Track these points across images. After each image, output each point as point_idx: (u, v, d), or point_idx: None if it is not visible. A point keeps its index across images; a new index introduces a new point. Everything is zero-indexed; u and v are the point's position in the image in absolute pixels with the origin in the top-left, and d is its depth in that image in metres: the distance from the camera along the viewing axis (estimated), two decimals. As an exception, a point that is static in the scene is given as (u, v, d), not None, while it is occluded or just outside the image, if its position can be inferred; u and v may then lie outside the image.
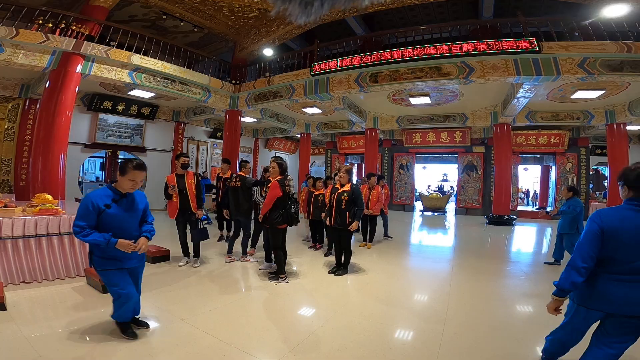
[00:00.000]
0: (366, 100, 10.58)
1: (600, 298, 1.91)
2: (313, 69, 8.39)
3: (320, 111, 11.76)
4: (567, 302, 2.10)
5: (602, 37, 6.73)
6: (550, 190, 14.41)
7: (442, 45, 7.12)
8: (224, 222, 6.83)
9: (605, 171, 13.90)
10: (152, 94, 10.12)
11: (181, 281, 4.24)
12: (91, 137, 10.57)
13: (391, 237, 7.43)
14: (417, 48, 7.32)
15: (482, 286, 4.45)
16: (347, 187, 4.71)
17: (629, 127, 10.39)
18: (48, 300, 3.42)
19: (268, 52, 9.43)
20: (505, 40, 6.83)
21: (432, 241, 8.39)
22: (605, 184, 13.65)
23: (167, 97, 10.59)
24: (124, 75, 8.01)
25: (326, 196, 5.05)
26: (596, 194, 13.53)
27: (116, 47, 7.66)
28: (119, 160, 16.27)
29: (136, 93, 9.98)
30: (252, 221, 5.30)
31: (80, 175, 13.67)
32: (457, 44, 7.06)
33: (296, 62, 9.24)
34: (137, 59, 7.98)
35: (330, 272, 4.76)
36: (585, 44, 6.60)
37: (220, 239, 6.77)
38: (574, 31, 7.39)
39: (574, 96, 9.03)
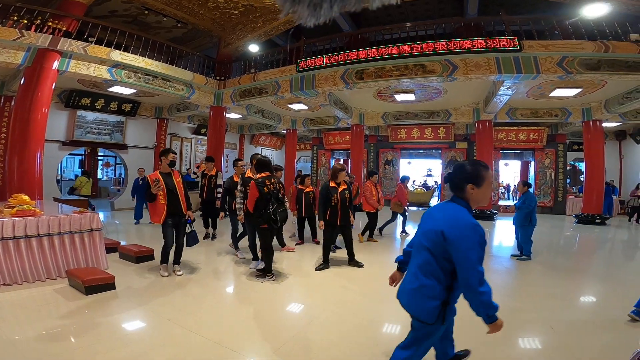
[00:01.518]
0: (352, 97, 10.61)
1: None
2: (299, 66, 8.35)
3: (306, 107, 11.73)
4: None
5: (581, 36, 6.95)
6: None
7: (427, 43, 7.19)
8: (209, 220, 6.79)
9: (582, 166, 14.48)
10: (133, 91, 9.88)
11: (166, 282, 4.19)
12: (69, 135, 10.23)
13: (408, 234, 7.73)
14: (402, 45, 7.38)
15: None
16: (344, 185, 4.92)
17: (604, 124, 10.78)
18: (30, 303, 3.33)
19: (254, 48, 9.31)
20: (488, 39, 6.97)
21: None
22: (582, 179, 14.21)
23: (149, 94, 10.34)
24: (103, 72, 7.78)
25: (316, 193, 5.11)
26: (573, 189, 14.05)
27: (95, 43, 7.43)
28: (99, 157, 15.88)
29: (116, 89, 9.71)
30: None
31: (59, 173, 13.25)
32: (442, 41, 7.16)
33: (282, 58, 9.16)
34: (117, 55, 7.76)
35: (317, 269, 4.80)
36: (564, 43, 6.79)
37: (205, 237, 6.71)
38: (555, 30, 7.61)
39: (552, 94, 9.30)
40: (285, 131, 14.92)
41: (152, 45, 8.50)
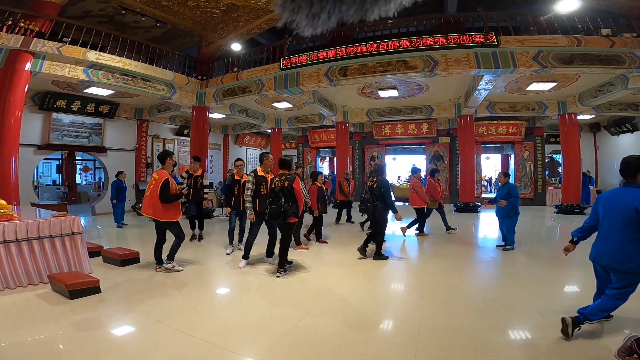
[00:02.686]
0: (336, 94, 10.65)
1: None
2: (282, 64, 8.31)
3: (290, 105, 11.70)
4: None
5: (555, 31, 7.18)
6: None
7: (408, 39, 7.28)
8: (195, 222, 6.72)
9: (559, 158, 15.00)
10: (111, 92, 9.61)
11: (154, 284, 4.11)
12: (44, 138, 9.86)
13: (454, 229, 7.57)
14: (384, 42, 7.45)
15: (455, 272, 4.69)
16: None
17: (579, 117, 11.20)
18: (13, 309, 3.23)
19: (236, 47, 9.20)
20: (467, 34, 7.12)
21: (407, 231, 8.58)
22: (560, 170, 14.72)
23: (128, 95, 10.09)
24: (78, 73, 7.55)
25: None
26: (552, 180, 14.53)
27: (70, 44, 7.18)
28: (77, 161, 15.35)
29: (93, 90, 9.43)
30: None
31: (35, 179, 12.75)
32: (422, 37, 7.27)
33: (265, 56, 9.09)
34: (92, 56, 7.53)
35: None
36: (539, 38, 7.02)
37: (192, 238, 6.62)
38: (530, 25, 7.84)
39: (529, 88, 9.60)
40: (270, 130, 14.83)
41: (130, 45, 8.28)
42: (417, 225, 6.99)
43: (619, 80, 8.14)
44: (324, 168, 18.65)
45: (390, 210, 5.11)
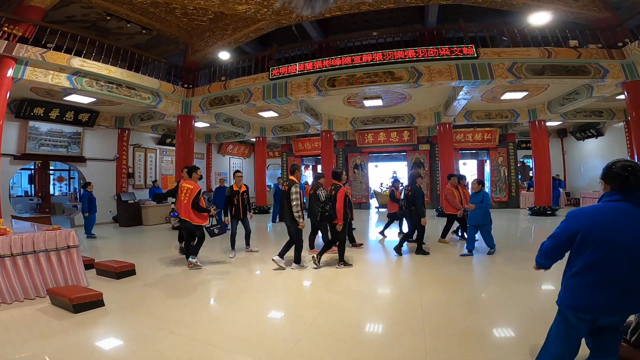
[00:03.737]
0: (322, 103, 10.86)
1: None
2: (272, 73, 8.44)
3: (276, 115, 11.80)
4: None
5: (528, 43, 7.69)
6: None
7: (396, 51, 7.62)
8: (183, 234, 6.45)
9: (530, 163, 15.89)
10: (91, 99, 9.37)
11: (156, 294, 4.08)
12: (21, 148, 9.45)
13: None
14: (372, 53, 7.74)
15: (445, 275, 4.94)
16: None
17: (548, 124, 11.98)
18: (13, 325, 3.13)
19: (224, 55, 9.21)
20: (449, 47, 7.52)
21: (391, 236, 8.82)
22: (531, 174, 15.58)
23: (109, 102, 9.88)
24: (62, 80, 7.35)
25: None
26: (524, 184, 15.34)
27: (53, 50, 7.00)
28: (50, 171, 14.66)
29: (73, 98, 9.16)
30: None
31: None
32: (410, 49, 7.61)
33: (252, 65, 9.17)
34: (77, 62, 7.37)
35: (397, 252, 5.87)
36: (514, 50, 7.51)
37: (182, 251, 6.23)
38: (503, 36, 8.35)
39: (503, 97, 10.21)
40: (254, 139, 14.83)
41: (115, 51, 8.14)
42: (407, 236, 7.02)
43: (585, 89, 8.83)
44: (308, 176, 18.77)
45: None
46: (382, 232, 8.02)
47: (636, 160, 7.42)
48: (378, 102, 10.47)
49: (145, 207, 10.98)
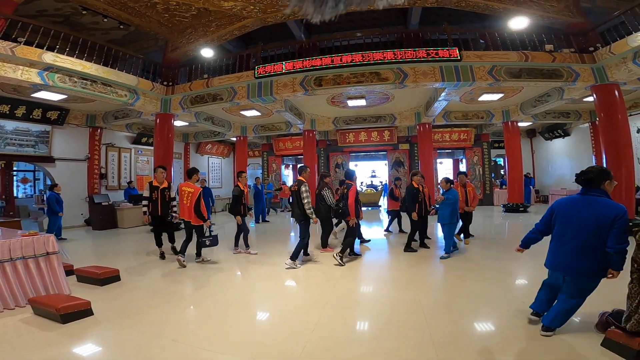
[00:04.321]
0: (305, 103, 10.82)
1: None
2: (257, 72, 8.30)
3: (259, 114, 11.64)
4: None
5: (507, 47, 8.01)
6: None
7: (382, 52, 7.69)
8: (162, 236, 6.07)
9: (501, 162, 16.63)
10: (61, 97, 8.83)
11: (143, 300, 3.91)
12: (-17, 147, 8.77)
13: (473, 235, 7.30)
14: (360, 54, 7.77)
15: (435, 271, 5.06)
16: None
17: (520, 124, 12.57)
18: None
19: (207, 52, 8.94)
20: (434, 49, 7.70)
21: (371, 235, 8.87)
22: (502, 173, 16.31)
23: (81, 100, 9.36)
24: (32, 75, 6.87)
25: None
26: (497, 182, 16.03)
27: (24, 45, 6.54)
28: (14, 172, 13.67)
29: (41, 95, 8.59)
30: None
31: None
32: (398, 50, 7.72)
33: (236, 63, 8.98)
34: (49, 57, 6.92)
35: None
36: (494, 54, 7.79)
37: (162, 256, 5.98)
38: (481, 39, 8.64)
39: (480, 98, 10.60)
40: (234, 138, 14.54)
41: (90, 47, 7.69)
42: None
43: (556, 92, 9.33)
44: (289, 176, 18.65)
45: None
46: (387, 229, 8.37)
47: (604, 157, 7.86)
48: (362, 102, 10.56)
49: (121, 209, 10.50)
